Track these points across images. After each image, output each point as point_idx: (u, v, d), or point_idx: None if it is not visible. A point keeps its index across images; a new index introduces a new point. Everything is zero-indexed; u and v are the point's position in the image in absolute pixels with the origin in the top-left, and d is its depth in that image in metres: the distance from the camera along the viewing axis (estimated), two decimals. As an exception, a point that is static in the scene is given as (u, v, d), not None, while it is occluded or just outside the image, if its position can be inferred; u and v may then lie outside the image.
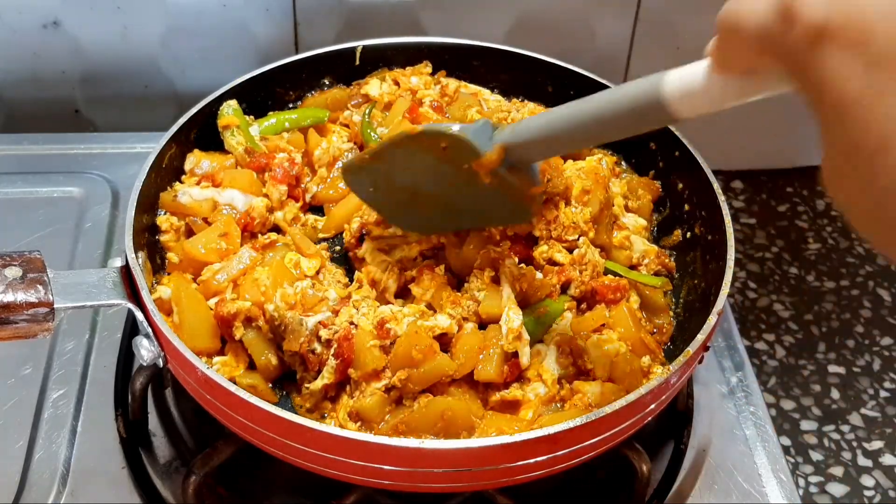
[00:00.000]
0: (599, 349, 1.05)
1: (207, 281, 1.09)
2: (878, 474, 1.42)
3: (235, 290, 1.08)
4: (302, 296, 1.07)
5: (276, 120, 1.28)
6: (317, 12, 1.56)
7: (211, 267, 1.10)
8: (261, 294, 1.05)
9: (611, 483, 1.13)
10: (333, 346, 1.02)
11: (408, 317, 1.04)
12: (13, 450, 1.10)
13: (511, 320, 1.04)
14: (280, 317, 1.04)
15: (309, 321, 1.04)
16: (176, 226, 1.16)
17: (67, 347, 1.21)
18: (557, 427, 0.89)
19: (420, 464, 0.90)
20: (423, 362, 1.00)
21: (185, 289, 1.07)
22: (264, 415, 0.90)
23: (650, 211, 1.26)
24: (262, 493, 1.10)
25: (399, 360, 1.00)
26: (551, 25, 1.62)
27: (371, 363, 1.00)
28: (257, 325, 1.05)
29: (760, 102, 0.82)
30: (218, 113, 1.24)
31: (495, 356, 1.02)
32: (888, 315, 1.63)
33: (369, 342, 1.01)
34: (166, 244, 1.15)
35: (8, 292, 0.93)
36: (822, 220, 1.80)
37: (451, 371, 1.01)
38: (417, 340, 1.00)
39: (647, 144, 1.28)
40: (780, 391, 1.52)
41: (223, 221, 1.13)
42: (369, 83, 1.35)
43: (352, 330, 1.03)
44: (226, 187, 1.17)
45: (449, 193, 1.05)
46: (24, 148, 1.48)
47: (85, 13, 1.52)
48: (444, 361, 1.01)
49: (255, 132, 1.25)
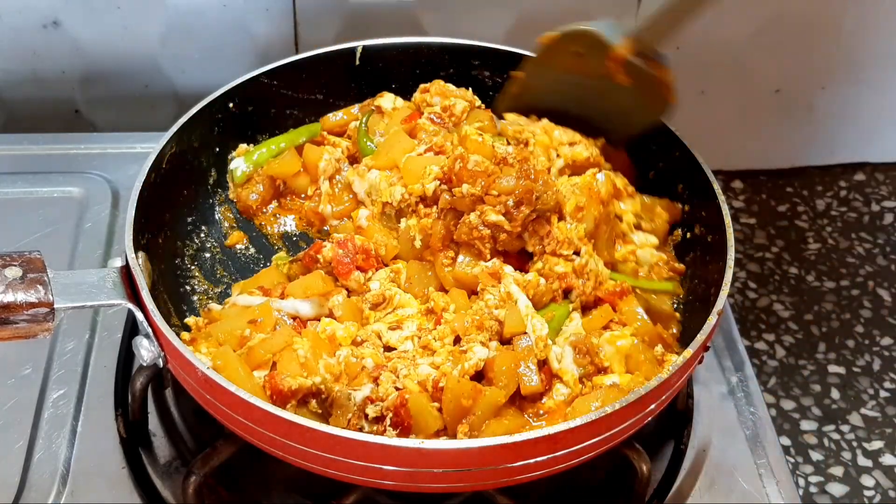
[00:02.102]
0: (613, 345, 1.06)
1: (254, 350, 1.02)
2: (878, 474, 1.42)
3: (275, 366, 1.01)
4: (346, 365, 1.03)
5: (274, 146, 1.29)
6: (317, 12, 1.56)
7: (255, 337, 1.05)
8: (301, 368, 1.00)
9: (611, 483, 1.13)
10: (388, 415, 0.98)
11: (451, 364, 1.01)
12: (13, 450, 1.10)
13: (537, 329, 1.04)
14: (327, 389, 1.00)
15: (357, 395, 0.99)
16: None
17: (67, 347, 1.21)
18: (557, 427, 0.89)
19: (420, 464, 0.90)
20: (476, 406, 0.98)
21: (229, 359, 1.00)
22: (264, 415, 0.90)
23: (665, 231, 1.25)
24: (262, 493, 1.10)
25: (453, 414, 0.98)
26: (551, 25, 1.61)
27: (433, 425, 0.98)
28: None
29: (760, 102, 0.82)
30: (231, 171, 1.28)
31: (534, 368, 1.02)
32: (888, 315, 1.63)
33: (425, 404, 0.98)
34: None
35: (8, 292, 0.93)
36: (822, 220, 1.80)
37: (504, 399, 1.00)
38: (461, 390, 0.98)
39: (647, 145, 1.28)
40: (780, 391, 1.52)
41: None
42: (384, 96, 1.35)
43: (404, 395, 0.98)
44: (288, 296, 1.10)
45: (592, 107, 1.18)
46: (24, 148, 1.48)
47: (85, 13, 1.52)
48: (494, 393, 1.00)
49: (240, 165, 1.28)
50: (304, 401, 0.99)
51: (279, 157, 1.28)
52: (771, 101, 1.75)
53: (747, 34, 1.65)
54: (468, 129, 1.20)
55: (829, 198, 1.83)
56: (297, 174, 1.28)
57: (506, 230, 1.10)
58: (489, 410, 0.99)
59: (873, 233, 1.78)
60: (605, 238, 1.17)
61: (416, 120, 1.28)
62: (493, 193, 1.09)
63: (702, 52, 1.67)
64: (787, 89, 1.74)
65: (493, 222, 1.10)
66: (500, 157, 1.13)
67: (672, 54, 1.68)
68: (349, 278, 1.13)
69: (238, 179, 1.27)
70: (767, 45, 1.67)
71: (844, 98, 1.77)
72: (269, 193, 1.29)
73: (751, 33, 1.65)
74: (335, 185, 1.27)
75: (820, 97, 1.76)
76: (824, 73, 1.74)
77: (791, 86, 1.74)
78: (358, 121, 1.32)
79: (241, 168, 1.28)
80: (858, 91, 1.77)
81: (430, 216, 1.16)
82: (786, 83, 1.73)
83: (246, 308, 1.09)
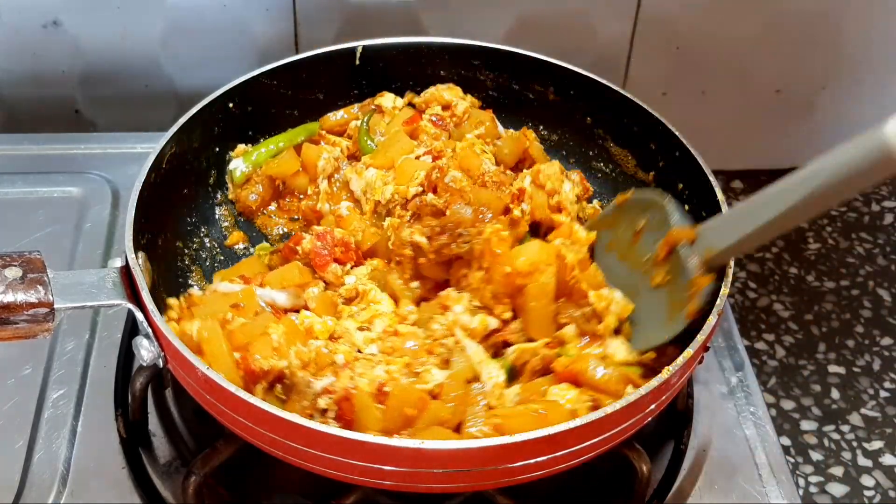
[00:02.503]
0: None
1: (234, 333, 1.04)
2: (878, 474, 1.42)
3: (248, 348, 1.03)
4: (317, 355, 1.04)
5: (273, 146, 1.29)
6: (317, 12, 1.56)
7: (235, 321, 1.06)
8: (273, 352, 1.01)
9: (611, 483, 1.13)
10: (334, 408, 1.00)
11: (404, 376, 1.02)
12: (13, 450, 1.10)
13: (493, 376, 1.04)
14: (291, 374, 1.01)
15: (317, 384, 1.01)
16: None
17: (67, 347, 1.21)
18: (558, 427, 0.89)
19: (420, 464, 0.90)
20: (420, 418, 0.98)
21: (214, 334, 1.02)
22: (265, 415, 0.90)
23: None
24: (262, 493, 1.10)
25: (395, 421, 0.98)
26: (551, 25, 1.62)
27: (374, 426, 0.98)
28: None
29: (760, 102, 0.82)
30: (230, 171, 1.28)
31: (482, 417, 1.00)
32: (888, 315, 1.63)
33: (368, 403, 0.99)
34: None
35: (8, 293, 0.93)
36: (822, 220, 1.80)
37: (448, 416, 0.99)
38: (406, 397, 0.98)
39: (647, 144, 1.28)
40: (780, 391, 1.52)
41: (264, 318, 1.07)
42: (384, 96, 1.35)
43: (350, 391, 1.00)
44: (266, 286, 1.12)
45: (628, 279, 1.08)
46: (24, 148, 1.48)
47: (85, 13, 1.52)
48: (439, 408, 0.99)
49: (239, 165, 1.27)
50: (272, 385, 1.01)
51: (278, 156, 1.28)
52: (771, 101, 1.75)
53: (747, 34, 1.65)
54: (470, 140, 1.20)
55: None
56: (297, 174, 1.28)
57: (424, 254, 1.09)
58: (433, 424, 0.98)
59: (873, 233, 1.78)
60: (546, 315, 1.08)
61: (418, 122, 1.28)
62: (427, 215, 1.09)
63: (702, 52, 1.67)
64: (787, 89, 1.74)
65: (415, 242, 1.09)
66: (477, 174, 1.13)
67: (672, 54, 1.68)
68: (326, 270, 1.14)
69: (237, 180, 1.27)
70: (767, 45, 1.67)
71: (844, 98, 1.77)
72: (269, 194, 1.29)
73: (751, 33, 1.65)
74: (333, 183, 1.28)
75: (820, 97, 1.77)
76: (824, 73, 1.74)
77: (791, 86, 1.74)
78: (358, 120, 1.32)
79: (241, 168, 1.28)
80: (858, 91, 1.77)
81: (402, 218, 1.16)
82: (786, 83, 1.73)
83: (226, 294, 1.10)
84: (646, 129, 1.28)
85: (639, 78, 1.68)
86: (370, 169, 1.23)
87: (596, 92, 1.31)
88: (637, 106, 1.28)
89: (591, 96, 1.31)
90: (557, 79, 1.34)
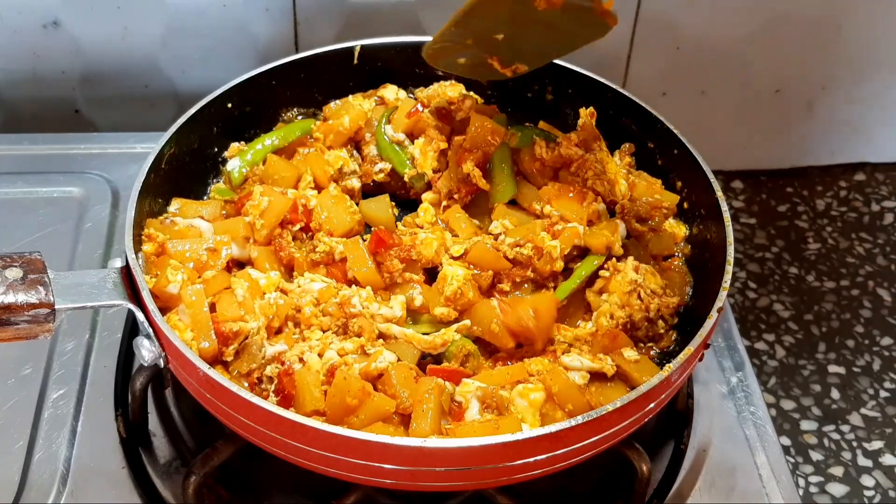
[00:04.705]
0: (525, 398, 1.00)
1: (208, 283, 1.07)
2: (878, 474, 1.41)
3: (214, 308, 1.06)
4: (276, 307, 1.06)
5: (269, 141, 1.28)
6: (317, 12, 1.56)
7: (205, 273, 1.10)
8: (238, 307, 1.04)
9: (611, 483, 1.13)
10: (274, 381, 1.01)
11: (356, 360, 1.02)
12: (13, 450, 1.10)
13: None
14: (246, 331, 1.02)
15: (269, 349, 1.02)
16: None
17: (67, 347, 1.21)
18: (558, 426, 0.90)
19: (421, 463, 0.90)
20: (361, 409, 0.97)
21: (199, 296, 1.04)
22: (266, 414, 0.90)
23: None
24: (262, 493, 1.10)
25: (336, 409, 0.97)
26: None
27: (311, 405, 0.98)
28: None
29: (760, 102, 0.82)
30: (228, 172, 1.26)
31: (430, 412, 0.98)
32: (888, 315, 1.63)
33: (311, 381, 0.98)
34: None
35: (9, 293, 0.93)
36: (822, 220, 1.80)
37: (392, 409, 0.98)
38: (347, 387, 0.97)
39: (645, 143, 1.28)
40: (780, 391, 1.52)
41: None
42: (387, 87, 1.35)
43: (293, 366, 1.00)
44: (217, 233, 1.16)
45: (529, 35, 1.10)
46: (24, 148, 1.48)
47: (85, 13, 1.52)
48: (383, 402, 0.98)
49: (236, 165, 1.26)
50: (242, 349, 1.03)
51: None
52: (771, 101, 1.75)
53: (747, 34, 1.65)
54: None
55: (829, 198, 1.83)
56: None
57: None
58: (373, 417, 0.97)
59: (873, 233, 1.78)
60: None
61: (419, 115, 1.28)
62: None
63: (702, 52, 1.67)
64: (787, 89, 1.74)
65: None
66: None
67: (672, 54, 1.68)
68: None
69: (236, 181, 1.25)
70: (767, 45, 1.67)
71: (844, 98, 1.77)
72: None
73: (751, 33, 1.65)
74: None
75: (820, 97, 1.77)
76: (824, 73, 1.74)
77: (791, 86, 1.74)
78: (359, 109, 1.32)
79: (238, 167, 1.26)
80: (858, 91, 1.77)
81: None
82: (786, 83, 1.73)
83: (192, 229, 1.15)
84: (646, 129, 1.28)
85: (639, 78, 1.68)
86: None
87: (596, 92, 1.31)
88: (637, 105, 1.28)
89: (590, 96, 1.31)
90: (557, 78, 1.34)
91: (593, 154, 1.21)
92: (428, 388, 0.99)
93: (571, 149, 1.20)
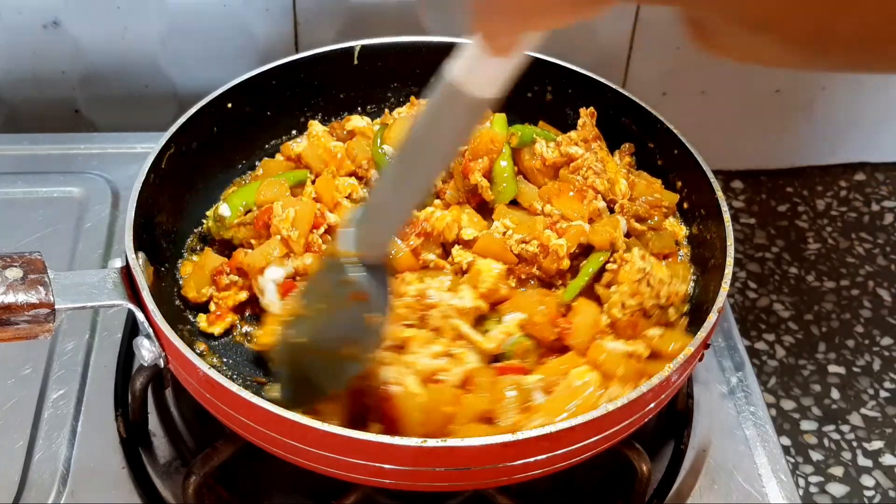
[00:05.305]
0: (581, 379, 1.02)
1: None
2: (878, 474, 1.42)
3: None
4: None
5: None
6: (317, 12, 1.56)
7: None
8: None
9: (611, 483, 1.13)
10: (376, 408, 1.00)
11: (448, 365, 1.02)
12: (13, 450, 1.10)
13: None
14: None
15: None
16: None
17: (67, 347, 1.21)
18: (558, 426, 0.90)
19: (421, 462, 0.90)
20: (458, 415, 0.98)
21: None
22: (266, 414, 0.90)
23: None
24: (262, 493, 1.10)
25: (434, 424, 0.97)
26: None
27: (417, 431, 0.96)
28: None
29: (760, 102, 0.82)
30: (216, 218, 1.21)
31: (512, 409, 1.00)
32: (888, 315, 1.63)
33: (415, 406, 0.97)
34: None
35: (9, 293, 0.93)
36: (822, 220, 1.80)
37: (485, 408, 0.99)
38: (439, 397, 0.97)
39: (645, 143, 1.28)
40: (780, 391, 1.52)
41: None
42: (351, 119, 1.33)
43: (389, 390, 0.98)
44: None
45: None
46: (24, 148, 1.48)
47: (85, 13, 1.52)
48: (476, 401, 0.99)
49: (226, 212, 1.20)
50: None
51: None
52: (771, 101, 1.75)
53: (747, 34, 1.65)
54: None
55: (829, 198, 1.84)
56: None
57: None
58: (468, 419, 0.98)
59: (873, 233, 1.78)
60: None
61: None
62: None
63: (702, 53, 1.67)
64: (787, 89, 1.74)
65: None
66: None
67: (672, 54, 1.68)
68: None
69: (229, 222, 1.19)
70: (767, 45, 1.67)
71: (844, 98, 1.77)
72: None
73: (751, 33, 1.65)
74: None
75: (820, 97, 1.77)
76: (824, 74, 1.74)
77: (791, 86, 1.74)
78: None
79: (228, 214, 1.19)
80: (858, 91, 1.77)
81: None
82: (786, 83, 1.73)
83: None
84: (646, 129, 1.28)
85: (639, 78, 1.68)
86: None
87: (596, 91, 1.31)
88: (637, 105, 1.28)
89: (590, 96, 1.31)
90: (556, 78, 1.34)
91: (593, 154, 1.21)
92: (505, 385, 1.01)
93: (571, 148, 1.20)
